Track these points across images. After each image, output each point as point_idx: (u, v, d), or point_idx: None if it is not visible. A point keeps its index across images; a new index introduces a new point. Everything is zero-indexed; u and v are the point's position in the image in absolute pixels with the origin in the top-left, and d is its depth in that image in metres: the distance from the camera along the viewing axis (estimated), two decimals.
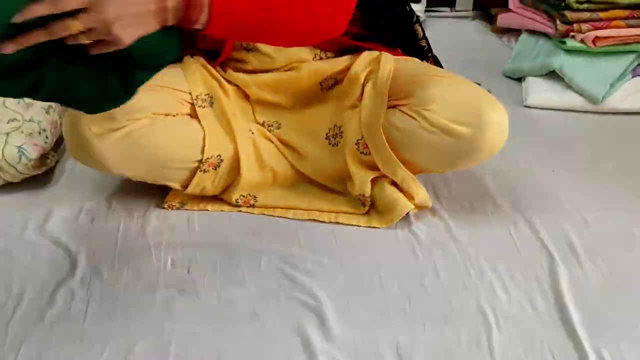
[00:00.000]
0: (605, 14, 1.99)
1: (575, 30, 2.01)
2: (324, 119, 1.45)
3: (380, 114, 1.33)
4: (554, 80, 2.04)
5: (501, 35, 2.54)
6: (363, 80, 1.38)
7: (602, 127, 1.88)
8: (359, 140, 1.38)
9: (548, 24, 2.15)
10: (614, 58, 1.99)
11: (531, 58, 2.15)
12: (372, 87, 1.36)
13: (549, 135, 1.84)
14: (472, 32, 2.64)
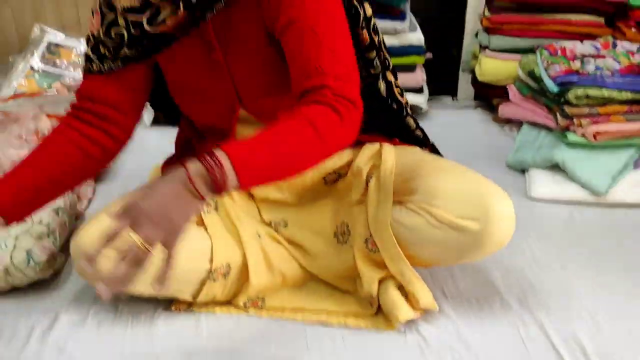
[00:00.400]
0: (604, 109, 2.02)
1: (576, 124, 2.04)
2: (330, 215, 1.46)
3: (388, 212, 1.33)
4: (558, 172, 2.06)
5: (503, 124, 2.58)
6: (366, 174, 1.39)
7: (608, 220, 1.88)
8: (367, 238, 1.38)
9: (549, 117, 2.19)
10: (615, 151, 2.01)
11: (534, 150, 2.18)
12: (377, 183, 1.37)
13: (555, 229, 1.85)
14: (474, 122, 2.68)
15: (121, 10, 1.25)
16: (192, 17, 1.23)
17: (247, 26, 1.26)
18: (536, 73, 2.25)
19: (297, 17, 1.18)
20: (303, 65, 1.16)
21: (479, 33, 2.56)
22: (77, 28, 2.76)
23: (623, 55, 2.23)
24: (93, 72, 1.32)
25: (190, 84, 1.35)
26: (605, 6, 2.44)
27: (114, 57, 1.30)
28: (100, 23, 1.28)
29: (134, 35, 1.26)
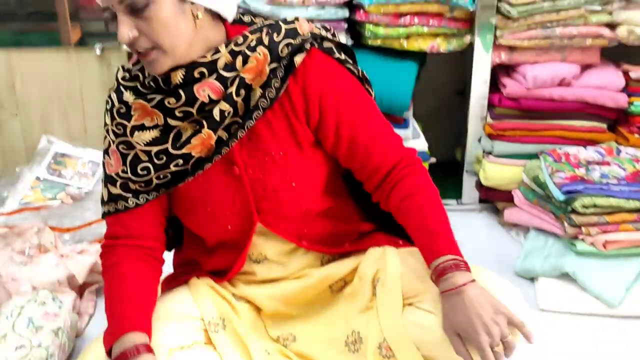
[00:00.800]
0: (612, 217, 2.01)
1: (585, 233, 2.02)
2: (339, 324, 1.41)
3: (399, 314, 1.30)
4: (568, 281, 2.03)
5: (509, 229, 2.56)
6: (372, 279, 1.37)
7: (622, 332, 1.83)
8: (380, 343, 1.33)
9: (556, 224, 2.17)
10: (627, 260, 1.99)
11: (542, 258, 2.15)
12: (384, 288, 1.34)
13: (567, 342, 1.79)
14: (479, 226, 2.66)
15: (143, 145, 1.26)
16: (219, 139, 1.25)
17: (273, 138, 1.28)
18: (541, 179, 2.25)
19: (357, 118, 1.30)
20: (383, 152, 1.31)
21: (482, 138, 2.58)
22: (83, 138, 2.81)
23: (628, 161, 2.23)
24: (129, 208, 1.31)
25: (206, 199, 1.33)
26: (607, 112, 2.47)
27: (147, 189, 1.30)
28: (122, 162, 1.29)
29: (161, 164, 1.26)
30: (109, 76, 2.73)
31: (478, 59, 2.49)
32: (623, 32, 2.39)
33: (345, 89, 1.30)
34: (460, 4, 2.38)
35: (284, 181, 1.30)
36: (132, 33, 1.16)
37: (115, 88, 1.30)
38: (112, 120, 1.29)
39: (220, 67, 1.22)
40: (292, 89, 1.26)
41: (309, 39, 1.26)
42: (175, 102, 1.22)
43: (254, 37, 1.24)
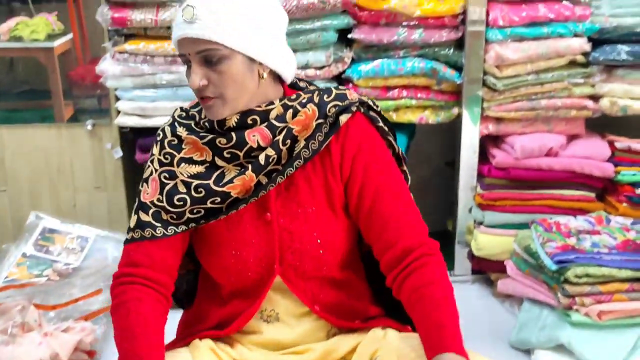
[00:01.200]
0: (605, 287, 2.00)
1: (579, 303, 2.00)
2: None
3: None
4: (564, 352, 2.00)
5: (503, 300, 2.54)
6: (370, 357, 1.35)
7: None
8: None
9: (549, 295, 2.15)
10: (623, 331, 1.97)
11: (537, 329, 2.12)
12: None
13: None
14: (473, 297, 2.64)
15: (186, 176, 1.32)
16: (258, 183, 1.31)
17: (309, 192, 1.34)
18: (532, 249, 2.24)
19: (382, 185, 1.34)
20: (399, 228, 1.31)
21: (472, 209, 2.59)
22: (73, 213, 2.80)
23: (618, 230, 2.24)
24: (156, 237, 1.32)
25: (232, 241, 1.35)
26: (594, 182, 2.49)
27: (177, 222, 1.33)
28: (159, 191, 1.33)
29: (198, 198, 1.31)
30: (99, 151, 2.74)
31: (466, 131, 2.52)
32: (606, 103, 2.44)
33: (377, 155, 1.37)
34: (447, 77, 2.43)
35: (311, 237, 1.34)
36: (202, 82, 1.26)
37: (170, 123, 1.38)
38: (161, 149, 1.35)
39: (272, 117, 1.31)
40: (333, 147, 1.34)
41: (356, 103, 1.36)
42: (225, 143, 1.30)
43: (306, 96, 1.35)
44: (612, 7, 2.36)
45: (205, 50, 1.24)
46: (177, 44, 1.27)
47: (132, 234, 1.34)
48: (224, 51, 1.24)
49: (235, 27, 1.25)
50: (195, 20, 1.23)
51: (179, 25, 1.25)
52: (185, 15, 1.23)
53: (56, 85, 2.94)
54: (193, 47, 1.24)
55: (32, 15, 2.92)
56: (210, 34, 1.23)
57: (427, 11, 2.33)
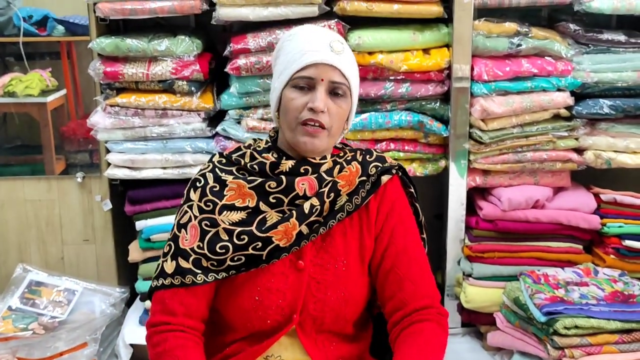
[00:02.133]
0: (594, 338, 1.99)
1: (568, 356, 1.99)
2: None
3: None
4: None
5: (493, 353, 2.51)
6: None
7: None
8: None
9: (539, 347, 2.14)
10: None
11: None
12: None
13: None
14: (463, 350, 2.61)
15: (228, 224, 1.35)
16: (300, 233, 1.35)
17: (343, 246, 1.40)
18: (521, 300, 2.24)
19: (405, 247, 1.41)
20: (414, 289, 1.38)
21: (461, 261, 2.59)
22: (60, 266, 2.78)
23: (606, 282, 2.24)
24: (197, 284, 1.34)
25: (259, 287, 1.37)
26: (581, 233, 2.50)
27: (217, 269, 1.35)
28: (200, 238, 1.35)
29: (241, 245, 1.34)
30: (89, 203, 2.74)
31: (454, 183, 2.55)
32: (590, 156, 2.48)
33: (405, 219, 1.45)
34: (434, 130, 2.47)
35: (338, 289, 1.38)
36: (325, 107, 1.34)
37: (210, 169, 1.42)
38: (201, 196, 1.38)
39: (322, 170, 1.40)
40: (372, 204, 1.43)
41: (396, 166, 1.47)
42: (275, 187, 1.37)
43: (350, 154, 1.46)
44: (593, 63, 2.42)
45: (339, 83, 1.36)
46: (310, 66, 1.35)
47: (170, 280, 1.34)
48: (347, 90, 1.38)
49: (357, 78, 1.43)
50: (342, 54, 1.37)
51: (322, 51, 1.35)
52: (336, 47, 1.36)
53: (48, 140, 2.96)
54: (331, 75, 1.35)
55: (27, 71, 2.96)
56: (350, 73, 1.38)
57: (413, 66, 2.39)
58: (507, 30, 2.38)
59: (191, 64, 2.42)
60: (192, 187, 1.41)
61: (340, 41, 1.39)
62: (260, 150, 1.43)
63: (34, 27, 2.85)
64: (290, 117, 1.36)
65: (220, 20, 2.39)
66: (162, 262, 1.37)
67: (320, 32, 1.40)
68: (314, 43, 1.36)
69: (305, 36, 1.39)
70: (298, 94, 1.35)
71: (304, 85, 1.35)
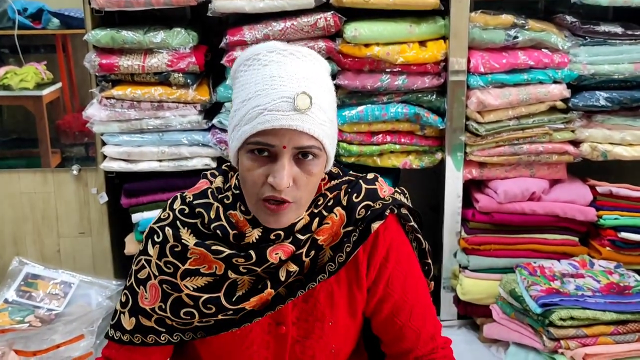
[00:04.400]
0: (590, 330, 2.00)
1: (564, 347, 2.00)
2: None
3: None
4: None
5: (490, 345, 2.52)
6: None
7: None
8: None
9: (535, 339, 2.14)
10: None
11: None
12: None
13: None
14: (459, 342, 2.60)
15: (192, 290, 1.16)
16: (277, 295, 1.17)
17: (330, 306, 1.23)
18: (517, 292, 2.25)
19: (403, 293, 1.25)
20: (416, 337, 1.25)
21: (457, 253, 2.59)
22: (56, 258, 2.78)
23: (601, 274, 2.25)
24: (160, 344, 1.20)
25: (237, 354, 1.24)
26: (577, 226, 2.51)
27: (184, 329, 1.20)
28: (161, 300, 1.18)
29: (208, 313, 1.17)
30: (85, 196, 2.74)
31: (450, 176, 2.55)
32: (587, 148, 2.48)
33: (402, 266, 1.25)
34: (430, 123, 2.47)
35: (325, 349, 1.25)
36: (289, 181, 1.07)
37: (170, 222, 1.19)
38: (160, 256, 1.18)
39: (297, 229, 1.16)
40: (361, 257, 1.22)
41: (389, 204, 1.21)
42: (244, 261, 1.14)
43: (332, 197, 1.20)
44: (589, 55, 2.42)
45: (308, 147, 1.07)
46: (267, 132, 1.05)
47: (129, 337, 1.21)
48: (320, 151, 1.10)
49: (333, 125, 1.13)
50: (309, 112, 1.05)
51: (282, 112, 1.04)
52: (300, 104, 1.04)
53: (44, 133, 2.95)
54: (295, 140, 1.06)
55: (22, 64, 2.94)
56: (320, 131, 1.07)
57: (409, 58, 2.38)
58: (504, 22, 2.38)
59: (187, 56, 2.41)
60: (149, 238, 1.20)
61: (308, 93, 1.05)
62: (229, 204, 1.18)
63: (29, 20, 2.84)
64: (249, 191, 1.11)
65: (216, 12, 2.38)
66: (120, 313, 1.22)
67: (284, 71, 1.07)
68: (273, 96, 1.05)
69: (263, 77, 1.07)
70: (255, 164, 1.08)
71: (263, 151, 1.07)
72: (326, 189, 1.22)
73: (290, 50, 1.10)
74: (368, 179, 1.25)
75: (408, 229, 1.28)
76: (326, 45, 2.39)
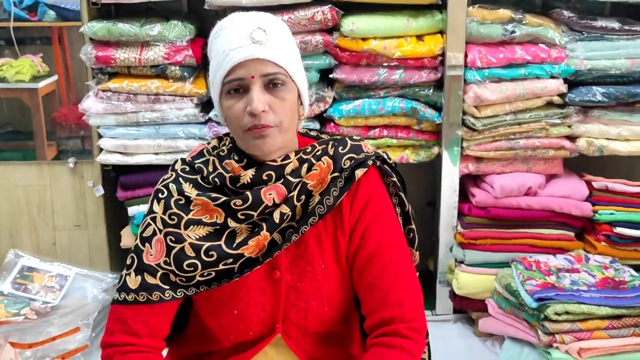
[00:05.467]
0: (585, 324, 2.00)
1: (559, 341, 2.01)
2: None
3: None
4: None
5: (485, 339, 2.53)
6: None
7: None
8: None
9: (530, 333, 2.15)
10: None
11: None
12: None
13: None
14: (454, 336, 2.62)
15: (195, 239, 1.25)
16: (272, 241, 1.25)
17: (319, 250, 1.29)
18: (513, 287, 2.25)
19: (378, 248, 1.28)
20: (382, 297, 1.25)
21: (453, 248, 2.59)
22: (52, 251, 2.78)
23: (596, 268, 2.25)
24: (164, 300, 1.25)
25: (236, 301, 1.29)
26: (573, 221, 2.51)
27: (187, 284, 1.26)
28: (166, 254, 1.25)
29: (210, 262, 1.24)
30: (81, 189, 2.73)
31: (446, 170, 2.55)
32: (583, 144, 2.48)
33: (381, 216, 1.30)
34: (427, 117, 2.47)
35: (319, 293, 1.29)
36: (265, 105, 1.20)
37: (174, 178, 1.30)
38: (165, 209, 1.27)
39: (287, 172, 1.27)
40: (344, 202, 1.30)
41: (372, 156, 1.31)
42: (241, 204, 1.24)
43: (320, 148, 1.31)
44: (586, 50, 2.43)
45: (273, 74, 1.21)
46: (236, 67, 1.20)
47: (134, 296, 1.25)
48: (286, 78, 1.23)
49: (295, 58, 1.28)
50: (267, 42, 1.21)
51: (244, 46, 1.20)
52: (257, 36, 1.20)
53: (39, 126, 2.94)
54: (260, 69, 1.20)
55: (17, 57, 2.94)
56: (281, 58, 1.22)
57: (406, 52, 2.38)
58: (501, 17, 2.38)
59: (184, 49, 2.41)
60: (155, 198, 1.30)
61: (262, 27, 1.21)
62: (224, 155, 1.31)
63: (25, 12, 2.83)
64: (234, 126, 1.24)
65: (213, 5, 2.38)
66: (125, 276, 1.27)
67: (240, 22, 1.23)
68: (234, 39, 1.21)
69: (227, 32, 1.23)
70: (234, 100, 1.22)
71: (238, 88, 1.22)
72: (316, 142, 1.33)
73: (248, 13, 1.26)
74: (354, 138, 1.35)
75: (392, 190, 1.36)
76: (323, 39, 2.39)
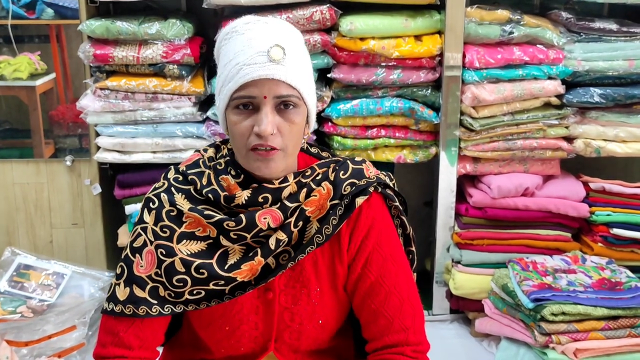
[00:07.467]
0: (581, 325, 2.01)
1: (555, 341, 2.01)
2: None
3: None
4: None
5: (481, 339, 2.53)
6: None
7: None
8: None
9: (526, 333, 2.15)
10: None
11: None
12: None
13: None
14: (451, 336, 2.62)
15: (186, 254, 1.21)
16: (266, 266, 1.21)
17: (315, 274, 1.27)
18: (509, 287, 2.25)
19: (380, 276, 1.25)
20: (387, 324, 1.24)
21: (450, 248, 2.60)
22: (49, 249, 2.78)
23: (593, 269, 2.26)
24: (151, 316, 1.22)
25: (228, 318, 1.27)
26: (570, 221, 2.52)
27: (175, 301, 1.23)
28: (156, 266, 1.22)
29: (200, 280, 1.20)
30: (78, 187, 2.73)
31: (444, 170, 2.55)
32: (580, 145, 2.49)
33: (383, 245, 1.28)
34: (425, 117, 2.47)
35: (313, 317, 1.28)
36: (274, 128, 1.16)
37: (166, 188, 1.26)
38: (157, 220, 1.23)
39: (285, 196, 1.22)
40: (344, 231, 1.26)
41: (374, 182, 1.27)
42: (234, 226, 1.20)
43: (321, 172, 1.26)
44: (584, 51, 2.43)
45: (286, 96, 1.15)
46: (249, 84, 1.15)
47: (121, 308, 1.22)
48: (299, 100, 1.17)
49: (309, 77, 1.21)
50: (284, 62, 1.15)
51: (259, 64, 1.14)
52: (274, 55, 1.14)
53: (37, 124, 2.93)
54: (274, 90, 1.14)
55: (15, 54, 2.93)
56: (296, 81, 1.16)
57: (405, 52, 2.38)
58: (500, 18, 2.38)
59: (182, 48, 2.41)
60: (145, 207, 1.26)
61: (280, 45, 1.15)
62: (221, 170, 1.25)
63: (23, 9, 2.82)
64: (238, 143, 1.19)
65: (211, 4, 2.38)
66: (115, 285, 1.24)
67: (258, 33, 1.17)
68: (249, 52, 1.15)
69: (242, 41, 1.17)
70: (241, 117, 1.17)
71: (247, 104, 1.16)
72: (315, 165, 1.28)
73: (265, 19, 1.21)
74: (356, 160, 1.30)
75: (394, 212, 1.32)
76: (321, 38, 2.39)
